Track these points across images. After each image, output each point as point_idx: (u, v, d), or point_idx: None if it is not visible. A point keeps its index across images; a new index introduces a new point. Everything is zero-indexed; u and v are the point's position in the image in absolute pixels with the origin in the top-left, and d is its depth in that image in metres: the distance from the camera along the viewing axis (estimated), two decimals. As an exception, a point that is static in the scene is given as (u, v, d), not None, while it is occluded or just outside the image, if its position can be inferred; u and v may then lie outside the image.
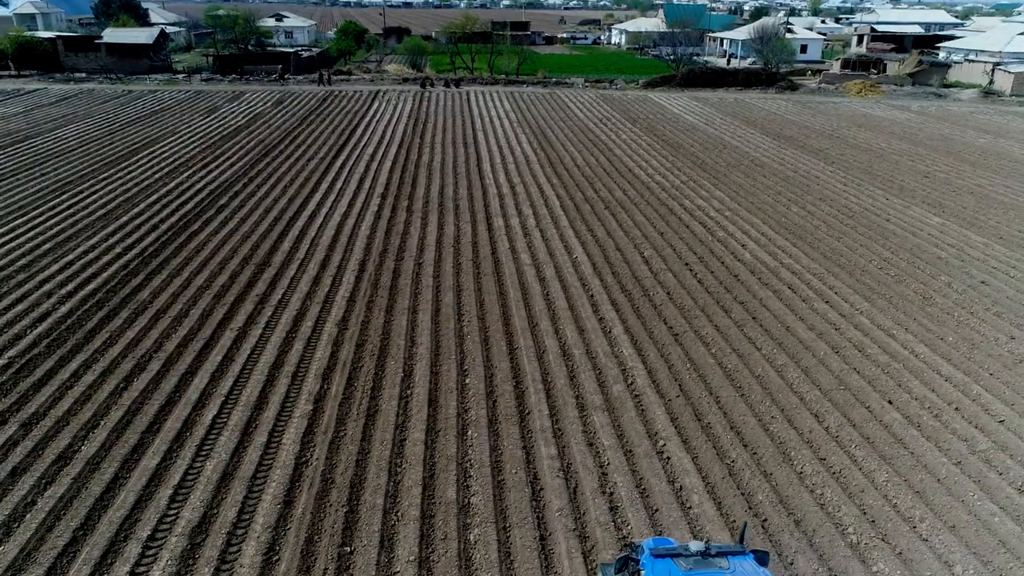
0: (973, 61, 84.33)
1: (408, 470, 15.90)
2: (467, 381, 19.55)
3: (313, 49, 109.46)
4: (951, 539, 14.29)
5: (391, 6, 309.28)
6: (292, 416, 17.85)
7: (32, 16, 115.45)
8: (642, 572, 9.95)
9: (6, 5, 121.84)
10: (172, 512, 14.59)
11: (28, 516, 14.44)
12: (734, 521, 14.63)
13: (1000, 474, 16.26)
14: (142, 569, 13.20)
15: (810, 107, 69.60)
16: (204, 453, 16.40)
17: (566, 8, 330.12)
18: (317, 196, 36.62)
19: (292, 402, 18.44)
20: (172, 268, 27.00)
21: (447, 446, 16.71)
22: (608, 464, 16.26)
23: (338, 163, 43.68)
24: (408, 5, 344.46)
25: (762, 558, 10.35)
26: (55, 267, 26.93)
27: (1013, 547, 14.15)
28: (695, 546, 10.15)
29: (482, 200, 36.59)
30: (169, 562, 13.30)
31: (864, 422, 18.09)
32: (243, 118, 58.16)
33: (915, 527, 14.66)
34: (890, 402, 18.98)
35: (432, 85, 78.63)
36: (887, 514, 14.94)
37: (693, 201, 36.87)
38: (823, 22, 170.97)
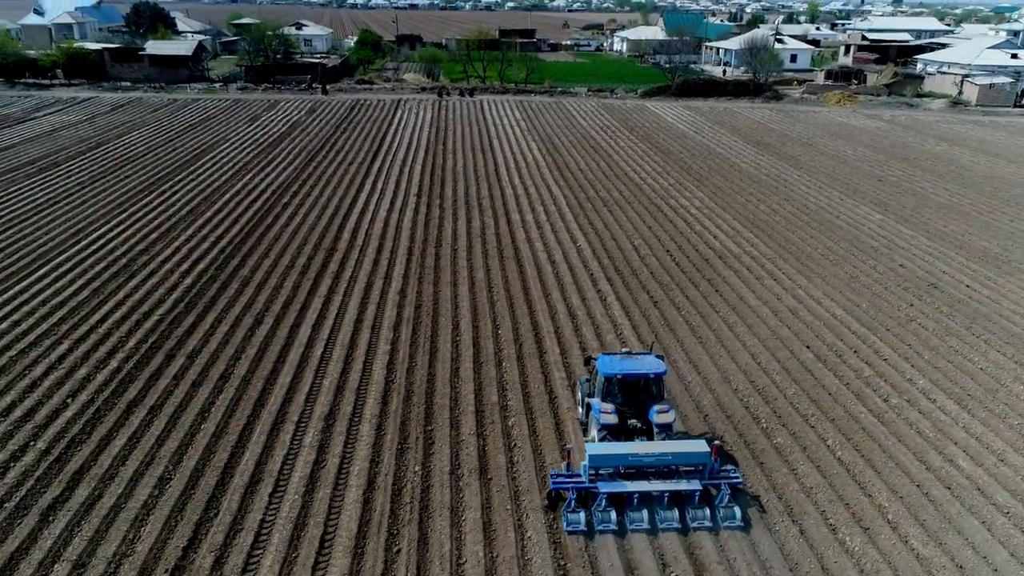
0: (945, 73, 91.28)
1: (463, 385, 23.05)
2: (499, 332, 26.71)
3: (332, 56, 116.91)
4: (831, 427, 21.40)
5: (397, 7, 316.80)
6: (376, 353, 25.02)
7: (68, 25, 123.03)
8: (595, 361, 19.06)
9: (42, 15, 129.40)
10: (307, 408, 21.75)
11: (212, 410, 21.61)
12: (687, 416, 21.70)
13: (874, 391, 23.38)
14: (298, 437, 20.35)
15: (791, 116, 76.67)
16: (320, 374, 23.57)
17: (570, 10, 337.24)
18: (363, 196, 43.82)
19: (375, 344, 25.62)
20: (260, 252, 34.22)
21: (489, 371, 23.88)
22: (602, 383, 23.35)
23: (375, 167, 50.86)
24: (414, 7, 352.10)
25: (660, 357, 19.43)
26: (168, 251, 34.12)
27: (874, 435, 21.20)
28: (624, 350, 20.05)
29: (500, 199, 43.77)
30: (314, 435, 20.46)
31: (786, 360, 25.20)
32: (283, 126, 65.40)
33: (808, 421, 21.76)
34: (808, 347, 26.10)
35: (448, 94, 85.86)
36: (790, 413, 22.05)
37: (678, 201, 44.00)
38: (817, 29, 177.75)
